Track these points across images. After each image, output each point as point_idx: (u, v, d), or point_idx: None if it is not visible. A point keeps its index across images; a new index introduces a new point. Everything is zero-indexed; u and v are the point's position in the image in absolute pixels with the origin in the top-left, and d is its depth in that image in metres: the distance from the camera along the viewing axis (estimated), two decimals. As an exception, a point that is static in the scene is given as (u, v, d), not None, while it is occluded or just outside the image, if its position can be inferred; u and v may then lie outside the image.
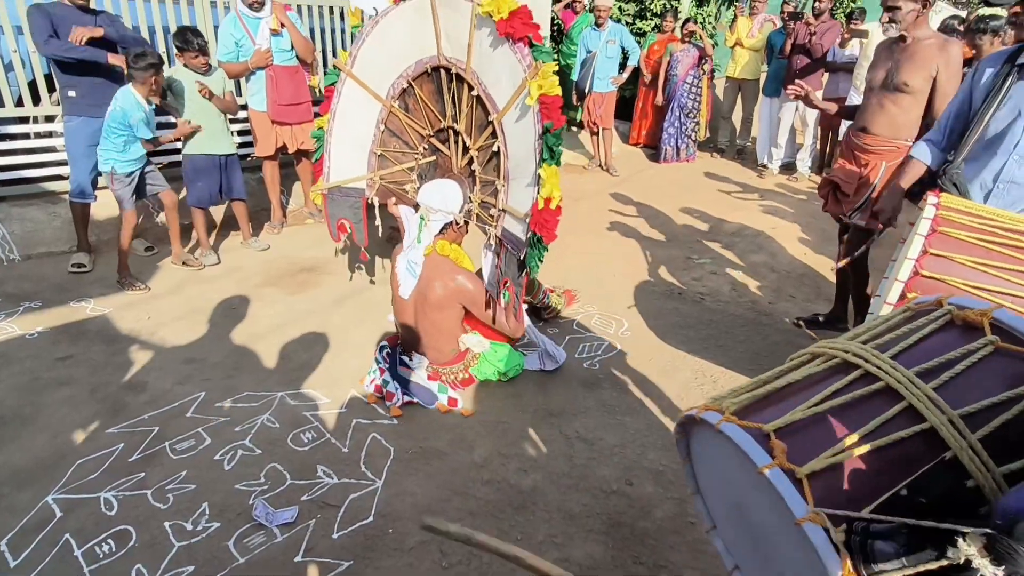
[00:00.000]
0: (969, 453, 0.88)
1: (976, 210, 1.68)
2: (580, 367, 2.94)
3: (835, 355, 1.08)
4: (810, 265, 4.36)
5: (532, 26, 2.32)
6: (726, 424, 0.99)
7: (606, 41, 6.28)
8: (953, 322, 1.09)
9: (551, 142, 2.29)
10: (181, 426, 2.44)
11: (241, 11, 4.03)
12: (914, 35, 2.67)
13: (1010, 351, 0.99)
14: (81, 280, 3.67)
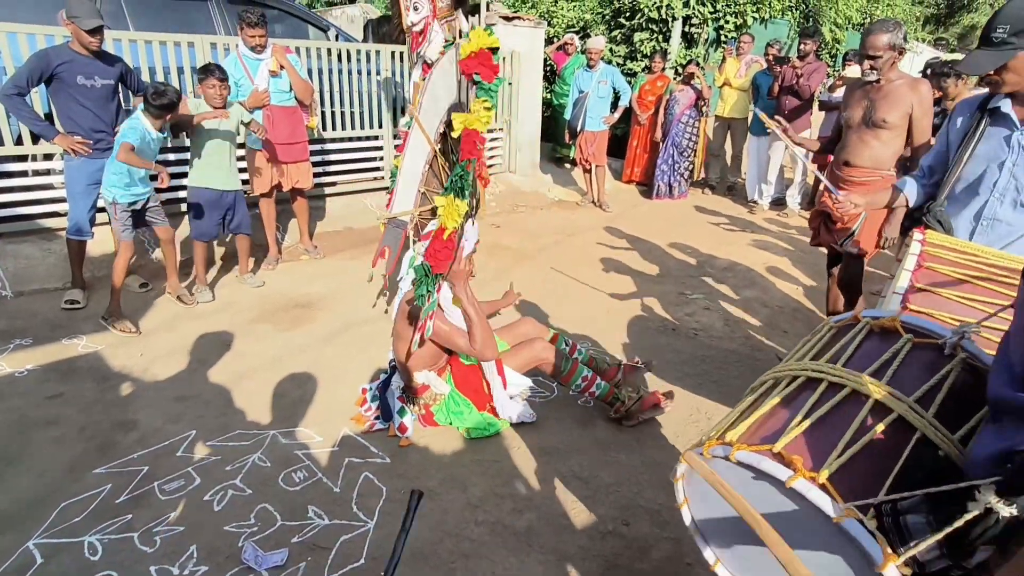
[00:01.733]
0: (932, 430, 1.07)
1: (960, 247, 1.72)
2: (574, 404, 2.93)
3: (798, 375, 1.26)
4: (802, 300, 4.39)
5: (482, 66, 2.49)
6: (741, 452, 1.08)
7: (598, 82, 6.46)
8: (873, 330, 1.32)
9: (459, 172, 2.32)
10: (171, 465, 2.41)
11: (243, 52, 4.12)
12: (887, 77, 2.91)
13: (923, 344, 1.24)
14: (74, 317, 3.65)
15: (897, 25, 2.84)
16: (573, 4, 9.09)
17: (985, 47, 1.83)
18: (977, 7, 18.53)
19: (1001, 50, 1.79)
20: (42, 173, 4.31)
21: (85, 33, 3.43)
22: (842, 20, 9.74)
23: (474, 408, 2.64)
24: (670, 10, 7.47)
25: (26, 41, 3.96)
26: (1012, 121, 1.92)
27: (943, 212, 2.05)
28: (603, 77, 6.51)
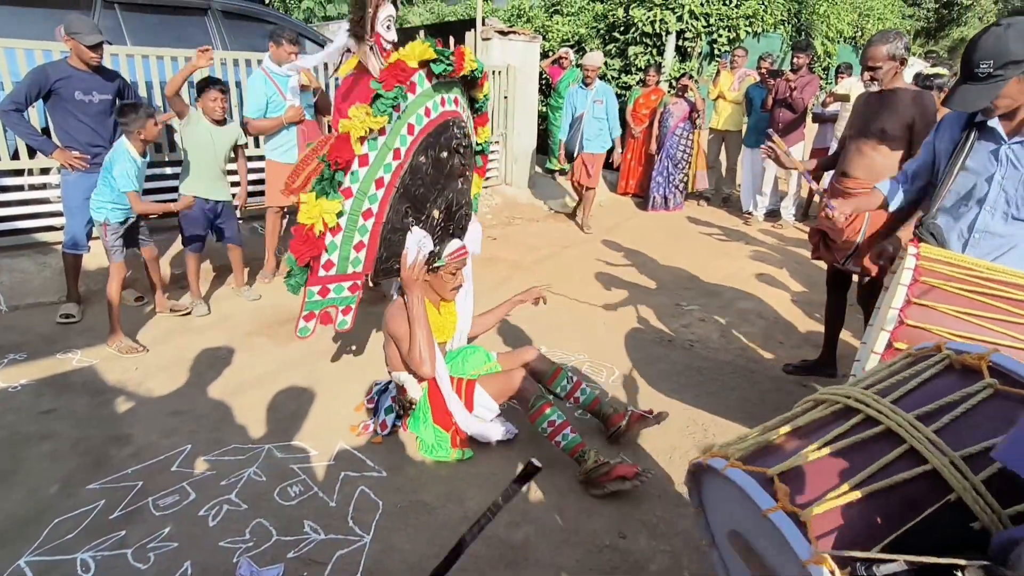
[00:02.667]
0: (972, 494, 0.89)
1: (955, 260, 1.73)
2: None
3: (837, 400, 1.11)
4: (797, 311, 4.41)
5: (386, 73, 2.39)
6: (731, 469, 1.01)
7: (593, 101, 6.19)
8: (952, 366, 1.12)
9: (325, 175, 2.33)
10: (165, 480, 2.39)
11: (270, 69, 4.13)
12: (889, 88, 2.88)
13: (1009, 393, 1.00)
14: (69, 331, 3.64)
15: (897, 35, 2.83)
16: (568, 18, 9.19)
17: (972, 82, 1.84)
18: (966, 21, 18.78)
19: (989, 84, 1.80)
20: (38, 187, 4.32)
21: (86, 49, 3.46)
22: (834, 34, 9.86)
23: (431, 422, 2.57)
24: (664, 24, 7.56)
25: (24, 57, 3.98)
26: (1000, 135, 1.95)
27: (936, 225, 2.07)
28: (599, 96, 6.22)
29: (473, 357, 2.76)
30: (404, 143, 2.49)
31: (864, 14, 11.19)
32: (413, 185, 2.55)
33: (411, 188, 2.55)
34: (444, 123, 2.61)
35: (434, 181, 2.61)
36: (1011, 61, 1.76)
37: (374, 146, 2.41)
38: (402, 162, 2.50)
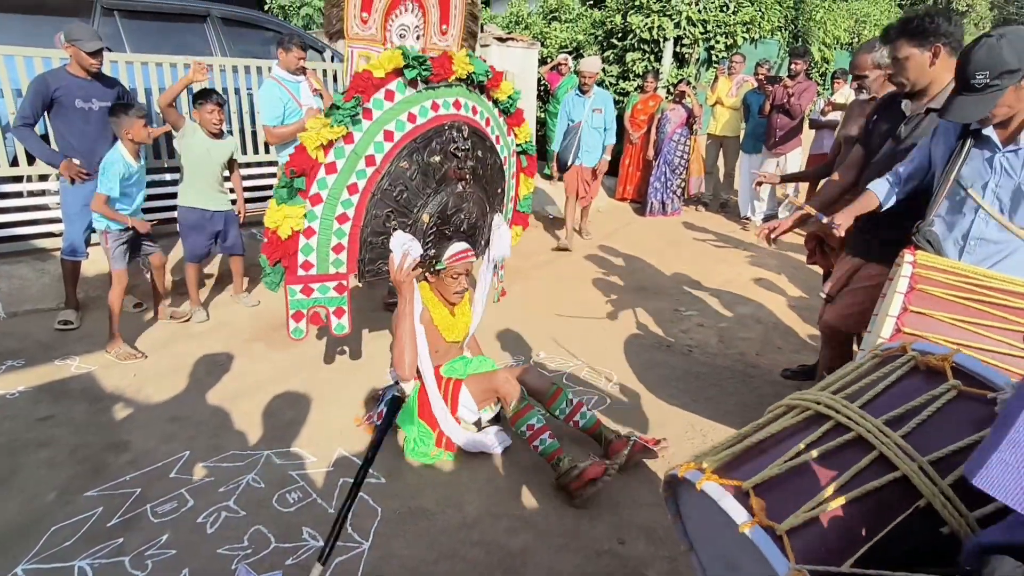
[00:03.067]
0: (941, 499, 0.91)
1: (951, 267, 1.73)
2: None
3: (808, 407, 1.12)
4: (795, 316, 4.41)
5: (351, 83, 2.45)
6: (707, 484, 1.00)
7: (592, 110, 5.76)
8: (917, 367, 1.14)
9: (284, 182, 2.41)
10: (163, 487, 2.39)
11: (280, 76, 4.14)
12: (878, 93, 2.90)
13: (972, 395, 1.03)
14: (67, 337, 3.64)
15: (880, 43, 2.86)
16: (566, 25, 9.23)
17: (968, 93, 1.85)
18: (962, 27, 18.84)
19: (987, 94, 1.81)
20: (37, 194, 4.33)
21: (86, 55, 3.47)
22: (831, 40, 9.91)
23: (417, 418, 2.59)
24: (661, 31, 7.59)
25: (23, 64, 3.99)
26: (994, 143, 1.96)
27: (932, 232, 2.07)
28: (598, 104, 5.80)
29: (477, 365, 2.78)
30: (380, 150, 2.52)
31: (861, 20, 11.26)
32: (394, 190, 2.57)
33: (392, 193, 2.58)
34: (437, 128, 2.60)
35: (423, 186, 2.61)
36: (1007, 71, 1.77)
37: (341, 154, 2.46)
38: (378, 168, 2.54)
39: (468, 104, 2.75)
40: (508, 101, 2.94)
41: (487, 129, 2.86)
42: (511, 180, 3.17)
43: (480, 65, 2.71)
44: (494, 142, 2.91)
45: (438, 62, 2.53)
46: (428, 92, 2.58)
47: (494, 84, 2.82)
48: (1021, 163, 1.90)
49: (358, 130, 2.46)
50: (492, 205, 2.95)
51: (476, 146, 2.76)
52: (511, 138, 3.08)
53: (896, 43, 2.34)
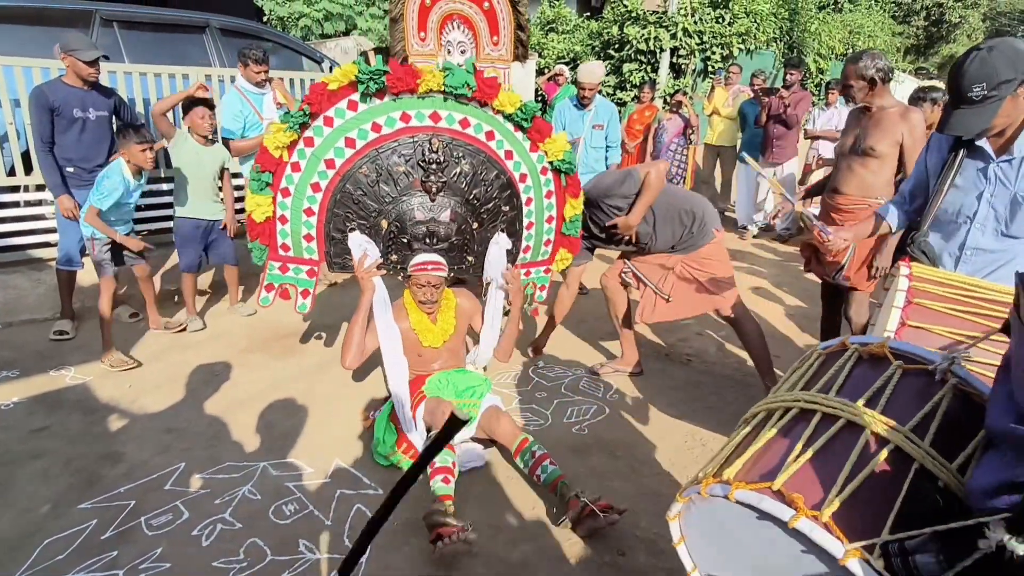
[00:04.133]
0: (930, 460, 1.04)
1: (947, 279, 1.73)
2: (569, 432, 2.91)
3: (791, 406, 1.23)
4: (793, 325, 4.41)
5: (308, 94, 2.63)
6: (739, 492, 1.05)
7: (592, 125, 4.88)
8: (862, 357, 1.29)
9: (254, 176, 2.72)
10: (158, 499, 2.36)
11: (243, 88, 4.15)
12: (878, 104, 2.94)
13: (914, 371, 1.22)
14: (62, 348, 3.61)
15: (872, 56, 2.89)
16: (563, 36, 9.29)
17: (967, 106, 1.85)
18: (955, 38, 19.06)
19: (986, 106, 1.81)
20: (34, 204, 4.32)
21: (84, 65, 3.48)
22: (825, 50, 10.00)
23: (387, 418, 2.63)
24: (658, 42, 7.65)
25: (22, 74, 4.00)
26: (987, 153, 1.96)
27: (927, 243, 2.07)
28: (599, 119, 4.88)
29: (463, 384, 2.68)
30: (341, 155, 2.73)
31: (855, 31, 11.37)
32: (355, 193, 2.76)
33: (352, 196, 2.77)
34: (402, 139, 2.70)
35: (383, 193, 2.75)
36: (1003, 81, 1.78)
37: (303, 155, 2.72)
38: (338, 171, 2.75)
39: (452, 117, 2.73)
40: (520, 114, 2.80)
41: (488, 144, 2.81)
42: (544, 200, 3.04)
43: (456, 79, 2.63)
44: (497, 157, 2.84)
45: (395, 76, 2.57)
46: (398, 103, 2.65)
47: (484, 96, 2.71)
48: (1016, 173, 1.90)
49: (319, 135, 2.68)
50: (482, 221, 2.87)
51: (459, 160, 2.74)
52: (538, 154, 2.93)
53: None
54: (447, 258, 2.71)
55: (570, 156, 2.95)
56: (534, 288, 3.23)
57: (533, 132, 2.85)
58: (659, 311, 3.20)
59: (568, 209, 3.11)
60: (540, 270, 3.24)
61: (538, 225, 3.07)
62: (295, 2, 13.72)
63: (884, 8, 15.03)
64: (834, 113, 6.68)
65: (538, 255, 3.18)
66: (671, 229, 3.12)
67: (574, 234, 3.18)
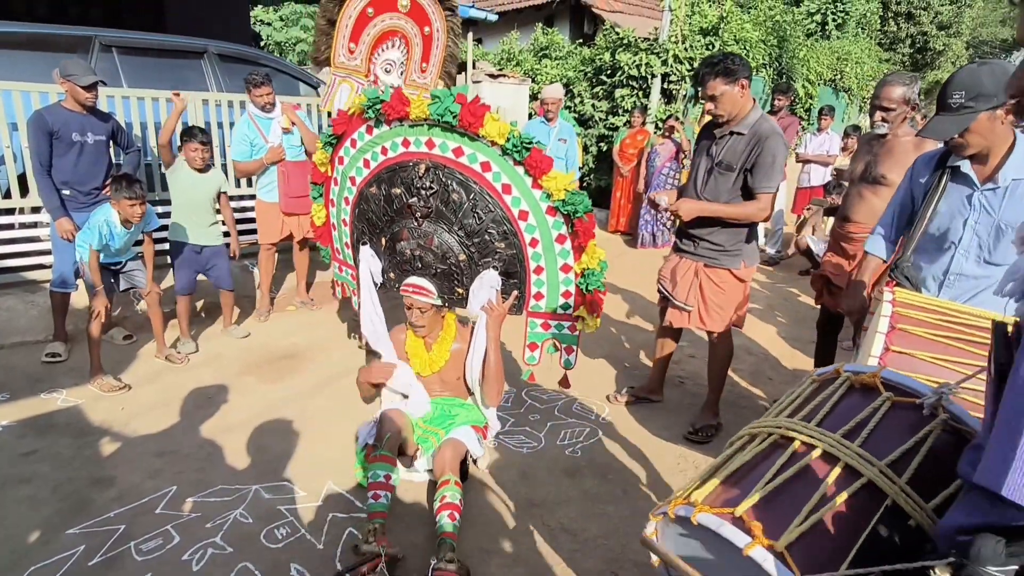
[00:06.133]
0: (903, 497, 1.02)
1: (929, 305, 1.76)
2: (562, 454, 2.91)
3: (771, 432, 1.22)
4: (785, 346, 4.44)
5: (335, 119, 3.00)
6: (702, 515, 1.05)
7: (557, 139, 5.90)
8: (853, 386, 1.28)
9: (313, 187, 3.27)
10: (148, 523, 2.34)
11: (254, 113, 4.23)
12: (894, 132, 2.90)
13: (903, 403, 1.20)
14: (54, 370, 3.60)
15: (913, 79, 2.86)
16: (556, 62, 9.44)
17: (945, 113, 1.91)
18: (940, 65, 19.50)
19: (961, 115, 1.87)
20: (29, 226, 4.33)
21: (81, 89, 3.52)
22: (814, 76, 10.18)
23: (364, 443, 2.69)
24: (649, 68, 7.78)
25: (20, 99, 4.04)
26: (972, 181, 2.00)
27: (911, 268, 2.10)
28: (563, 135, 5.85)
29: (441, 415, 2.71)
30: (360, 174, 2.99)
31: (842, 58, 11.60)
32: (367, 210, 2.98)
33: (366, 212, 3.00)
34: (403, 163, 2.78)
35: (383, 212, 2.89)
36: (982, 94, 1.83)
37: (339, 171, 3.09)
38: (358, 188, 3.01)
39: (447, 145, 2.65)
40: (510, 146, 2.51)
41: (484, 175, 2.62)
42: (555, 244, 2.68)
43: (439, 107, 2.53)
44: (493, 190, 2.64)
45: (389, 104, 2.68)
46: (400, 130, 2.76)
47: (467, 126, 2.53)
48: (1000, 201, 1.94)
49: (347, 155, 3.00)
50: (471, 254, 2.73)
51: (448, 188, 2.66)
52: (541, 192, 2.57)
53: (711, 83, 2.68)
54: (437, 286, 2.70)
55: (576, 198, 2.54)
56: (558, 348, 2.89)
57: (529, 166, 2.54)
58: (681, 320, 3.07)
59: (586, 259, 2.66)
60: (563, 325, 2.83)
61: (550, 271, 2.73)
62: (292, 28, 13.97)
63: (870, 36, 15.37)
64: (826, 139, 6.83)
65: (556, 306, 2.80)
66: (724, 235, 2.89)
67: (591, 291, 2.69)
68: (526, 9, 11.37)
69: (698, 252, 2.95)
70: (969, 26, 19.92)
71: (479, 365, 2.71)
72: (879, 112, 2.89)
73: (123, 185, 3.35)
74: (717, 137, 2.86)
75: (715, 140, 2.87)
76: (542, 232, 2.67)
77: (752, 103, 2.78)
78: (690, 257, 2.98)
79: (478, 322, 2.73)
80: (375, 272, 2.97)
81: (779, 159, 2.70)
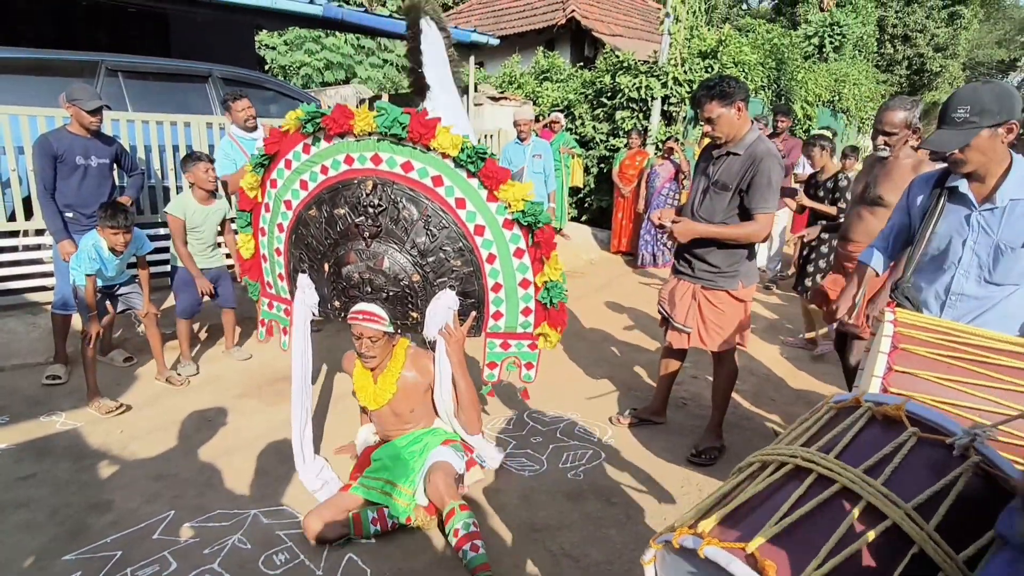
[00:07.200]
0: (932, 545, 0.93)
1: (931, 325, 1.75)
2: (564, 477, 2.88)
3: (786, 461, 1.12)
4: (788, 367, 4.42)
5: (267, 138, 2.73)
6: (710, 548, 0.97)
7: (532, 155, 6.27)
8: (875, 417, 1.17)
9: (239, 215, 2.93)
10: (146, 549, 2.31)
11: (235, 134, 4.27)
12: (895, 154, 2.95)
13: (930, 440, 1.09)
14: (54, 393, 3.58)
15: (914, 104, 2.91)
16: (557, 85, 9.54)
17: (948, 127, 1.93)
18: (937, 86, 19.69)
19: (964, 129, 1.89)
20: (32, 248, 4.35)
21: (86, 114, 3.57)
22: (812, 98, 10.27)
23: None
24: (649, 91, 7.86)
25: (27, 123, 4.09)
26: (970, 201, 2.01)
27: (911, 289, 2.11)
28: (537, 151, 6.30)
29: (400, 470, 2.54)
30: (296, 196, 2.73)
31: (840, 80, 11.71)
32: (306, 235, 2.74)
33: (304, 237, 2.75)
34: (347, 181, 2.57)
35: (325, 235, 2.68)
36: (985, 110, 1.86)
37: (271, 196, 2.80)
38: (295, 212, 2.75)
39: (394, 160, 2.49)
40: (464, 157, 2.40)
41: (435, 190, 2.49)
42: (513, 259, 2.57)
43: (387, 119, 2.41)
44: (446, 205, 2.51)
45: (331, 117, 2.47)
46: (342, 146, 2.54)
47: (418, 138, 2.40)
48: (999, 222, 1.95)
49: (280, 177, 2.73)
50: (426, 275, 2.58)
51: (399, 205, 2.51)
52: (497, 204, 2.48)
53: (708, 106, 2.71)
54: (389, 311, 2.57)
55: (535, 208, 2.45)
56: (517, 365, 2.76)
57: (485, 178, 2.43)
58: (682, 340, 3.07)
59: (548, 271, 2.54)
60: (523, 344, 2.73)
61: (509, 288, 2.61)
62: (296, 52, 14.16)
63: (868, 58, 15.53)
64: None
65: (515, 324, 2.68)
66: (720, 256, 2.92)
67: (554, 304, 2.59)
68: (527, 33, 11.52)
69: (695, 274, 2.96)
70: (965, 48, 20.14)
71: (449, 397, 2.61)
72: (882, 136, 2.92)
73: (107, 214, 3.34)
74: (714, 157, 2.89)
75: (712, 160, 2.90)
76: (499, 247, 2.55)
77: (749, 124, 2.80)
78: (688, 279, 2.99)
79: (438, 350, 2.61)
80: (312, 305, 2.76)
81: (774, 179, 2.71)
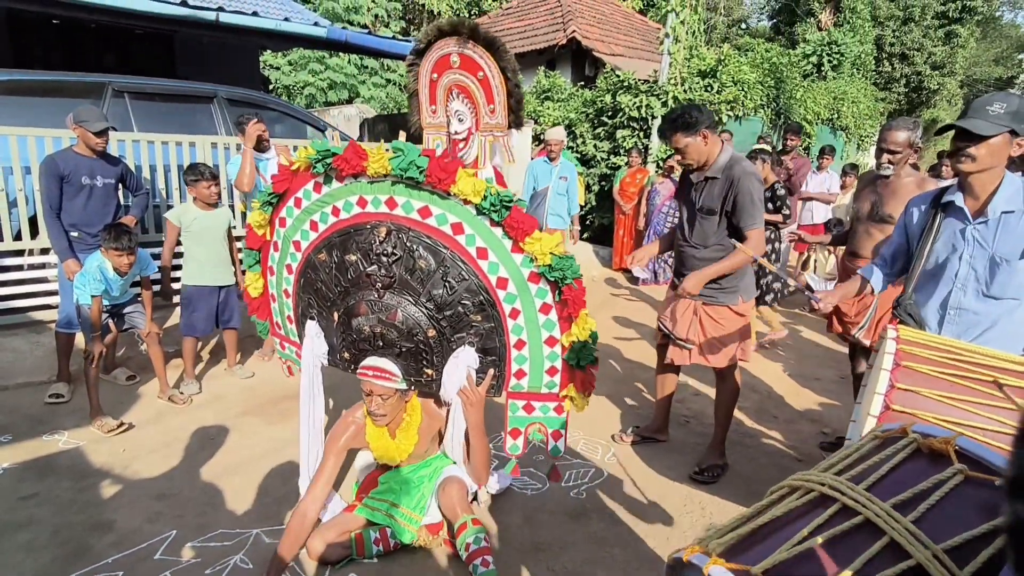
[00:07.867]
0: None
1: (934, 343, 1.76)
2: (567, 496, 2.87)
3: (812, 488, 1.08)
4: (790, 384, 4.41)
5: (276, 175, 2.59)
6: (714, 568, 0.96)
7: (559, 177, 6.13)
8: (920, 450, 1.11)
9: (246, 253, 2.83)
10: (147, 570, 2.30)
11: None
12: (898, 173, 3.03)
13: (978, 479, 1.00)
14: (57, 412, 3.59)
15: (916, 124, 3.00)
16: (559, 104, 9.63)
17: (980, 116, 1.95)
18: (935, 103, 19.84)
19: (995, 122, 1.92)
20: (38, 267, 4.38)
21: (92, 135, 3.62)
22: (811, 116, 10.36)
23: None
24: (649, 109, 7.94)
25: (35, 144, 4.14)
26: (965, 215, 2.04)
27: (913, 306, 2.13)
28: (564, 173, 6.15)
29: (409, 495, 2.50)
30: (306, 237, 2.51)
31: (839, 98, 11.82)
32: (316, 279, 2.51)
33: (313, 282, 2.52)
34: (359, 226, 2.36)
35: (335, 282, 2.44)
36: (1019, 113, 1.91)
37: (280, 235, 2.63)
38: (303, 254, 2.54)
39: (411, 204, 2.28)
40: (487, 204, 2.16)
41: (455, 238, 2.27)
42: (538, 315, 2.31)
43: (402, 161, 2.19)
44: (467, 255, 2.28)
45: (342, 157, 2.27)
46: (355, 187, 2.34)
47: (436, 182, 2.18)
48: (992, 234, 1.99)
49: (290, 216, 2.53)
50: (442, 330, 2.35)
51: (415, 254, 2.29)
52: (523, 256, 2.22)
53: (673, 138, 2.80)
54: (402, 367, 2.37)
55: (564, 263, 2.18)
56: (544, 434, 2.47)
57: (510, 228, 2.18)
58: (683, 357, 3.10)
59: (576, 330, 2.28)
60: (548, 407, 2.44)
61: (533, 345, 2.36)
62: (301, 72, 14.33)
63: (866, 76, 15.68)
64: (826, 177, 6.99)
65: (540, 384, 2.41)
66: None
67: (581, 366, 2.32)
68: (528, 53, 11.65)
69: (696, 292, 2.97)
70: (963, 66, 20.34)
71: (460, 449, 2.53)
72: (885, 155, 2.99)
73: (111, 236, 3.37)
74: (694, 183, 2.97)
75: (693, 186, 2.98)
76: (524, 302, 2.30)
77: (720, 146, 2.88)
78: (688, 296, 3.01)
79: (453, 407, 2.48)
80: (321, 355, 2.57)
81: (756, 196, 2.78)
